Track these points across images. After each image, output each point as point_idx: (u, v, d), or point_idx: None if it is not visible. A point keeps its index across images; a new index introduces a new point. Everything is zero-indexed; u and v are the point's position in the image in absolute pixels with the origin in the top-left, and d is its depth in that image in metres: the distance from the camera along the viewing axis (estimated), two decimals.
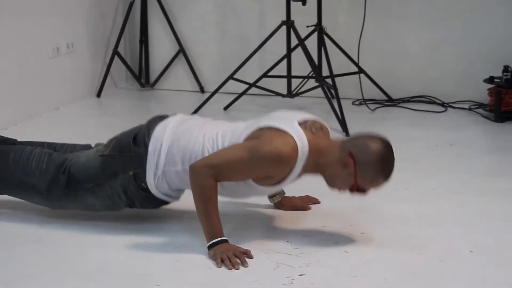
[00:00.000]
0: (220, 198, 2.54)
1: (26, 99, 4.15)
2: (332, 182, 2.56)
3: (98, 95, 4.72)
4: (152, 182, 2.62)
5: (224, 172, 2.49)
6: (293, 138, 2.48)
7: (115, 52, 4.71)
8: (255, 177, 2.52)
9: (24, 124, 4.05)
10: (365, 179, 2.49)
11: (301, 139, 2.49)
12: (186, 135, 2.62)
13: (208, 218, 2.50)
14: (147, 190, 2.64)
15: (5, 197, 2.87)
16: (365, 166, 2.47)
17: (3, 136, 2.93)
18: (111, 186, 2.65)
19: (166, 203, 2.72)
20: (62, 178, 2.68)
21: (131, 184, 2.63)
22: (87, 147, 2.87)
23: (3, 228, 2.76)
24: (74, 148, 2.86)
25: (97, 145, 2.84)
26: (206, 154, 2.56)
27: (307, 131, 2.53)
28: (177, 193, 2.71)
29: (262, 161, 2.46)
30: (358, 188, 2.51)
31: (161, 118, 2.72)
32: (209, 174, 2.48)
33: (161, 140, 2.62)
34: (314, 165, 2.53)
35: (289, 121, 2.53)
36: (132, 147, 2.65)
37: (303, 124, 2.54)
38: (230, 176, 2.51)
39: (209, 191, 2.49)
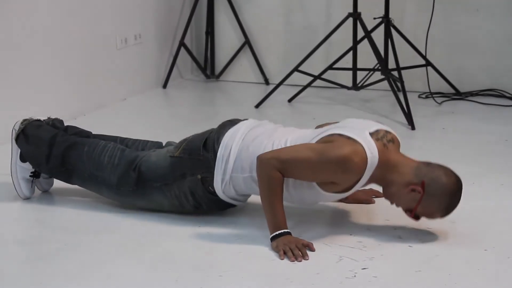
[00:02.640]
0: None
1: (94, 89, 4.23)
2: (391, 198, 2.55)
3: (164, 86, 4.77)
4: (219, 187, 2.64)
5: (290, 168, 2.50)
6: (364, 148, 2.47)
7: (182, 44, 4.76)
8: (320, 182, 2.52)
9: (92, 114, 4.12)
10: (425, 209, 2.50)
11: (372, 150, 2.47)
12: (256, 142, 2.62)
13: (273, 209, 2.50)
14: (214, 194, 2.67)
15: (77, 186, 2.94)
16: (431, 200, 2.47)
17: (78, 128, 2.99)
18: (179, 187, 2.68)
19: (233, 206, 2.74)
20: (132, 175, 2.72)
21: (199, 187, 2.66)
22: (159, 145, 2.90)
23: (73, 215, 2.82)
24: (146, 145, 2.91)
25: (168, 144, 2.87)
26: None
27: (378, 142, 2.51)
28: (244, 198, 2.73)
29: (329, 165, 2.46)
30: (415, 213, 2.52)
31: (231, 123, 2.72)
32: (276, 167, 2.49)
33: (230, 146, 2.63)
34: (380, 177, 2.52)
35: (361, 130, 2.52)
36: (201, 151, 2.67)
37: (375, 135, 2.52)
38: (296, 174, 2.51)
39: (276, 183, 2.49)
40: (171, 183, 2.69)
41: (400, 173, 2.50)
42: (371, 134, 2.52)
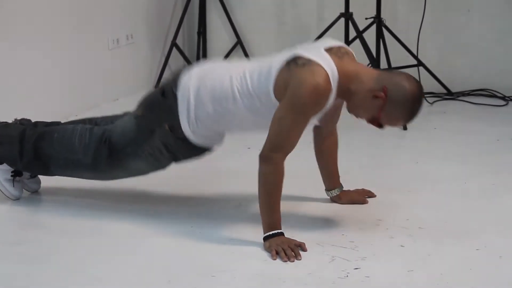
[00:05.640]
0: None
1: (86, 90, 4.22)
2: (354, 109, 2.56)
3: (156, 86, 4.75)
4: (188, 129, 2.63)
5: (289, 142, 2.48)
6: (322, 67, 2.46)
7: (174, 44, 4.75)
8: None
9: (84, 114, 4.09)
10: (388, 116, 2.51)
11: (330, 66, 2.48)
12: (212, 76, 2.62)
13: (270, 209, 2.51)
14: (186, 139, 2.65)
15: (63, 184, 2.92)
16: (394, 105, 2.48)
17: (47, 122, 2.98)
18: (151, 144, 2.67)
19: (209, 149, 2.71)
20: (103, 149, 2.72)
21: (169, 136, 2.65)
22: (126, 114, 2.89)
23: (63, 216, 2.81)
24: (115, 119, 2.89)
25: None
26: (236, 93, 2.56)
27: (334, 56, 2.51)
28: (217, 137, 2.71)
29: (308, 107, 2.46)
30: (378, 121, 2.52)
31: (185, 67, 2.74)
32: (280, 158, 2.48)
33: (188, 85, 2.63)
34: (343, 90, 2.52)
35: (316, 49, 2.52)
36: (162, 100, 2.66)
37: (329, 50, 2.53)
38: (296, 139, 2.49)
39: (277, 182, 2.49)
40: (142, 143, 2.68)
41: (361, 82, 2.50)
42: (326, 50, 2.52)
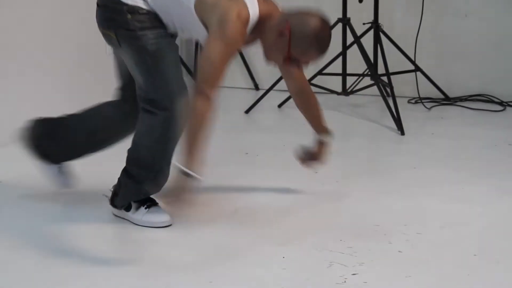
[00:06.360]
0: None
1: (83, 95, 4.21)
2: (268, 52, 2.61)
3: None
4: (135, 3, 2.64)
5: (220, 72, 2.53)
6: (247, 8, 2.51)
7: None
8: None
9: None
10: (298, 51, 2.56)
11: (254, 8, 2.53)
12: None
13: (195, 145, 2.46)
14: (148, 13, 2.63)
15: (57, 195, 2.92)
16: (299, 37, 2.54)
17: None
18: (150, 39, 2.64)
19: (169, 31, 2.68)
20: (157, 112, 2.63)
21: (139, 18, 2.65)
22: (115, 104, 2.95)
23: (60, 222, 2.81)
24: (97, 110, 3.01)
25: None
26: None
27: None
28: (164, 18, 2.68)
29: (234, 42, 2.49)
30: (292, 59, 2.57)
31: None
32: (211, 92, 2.53)
33: None
34: (260, 31, 2.57)
35: None
36: (108, 17, 2.76)
37: None
38: (224, 71, 2.53)
39: (209, 115, 2.52)
40: (150, 48, 2.64)
41: (269, 22, 2.57)
42: None
